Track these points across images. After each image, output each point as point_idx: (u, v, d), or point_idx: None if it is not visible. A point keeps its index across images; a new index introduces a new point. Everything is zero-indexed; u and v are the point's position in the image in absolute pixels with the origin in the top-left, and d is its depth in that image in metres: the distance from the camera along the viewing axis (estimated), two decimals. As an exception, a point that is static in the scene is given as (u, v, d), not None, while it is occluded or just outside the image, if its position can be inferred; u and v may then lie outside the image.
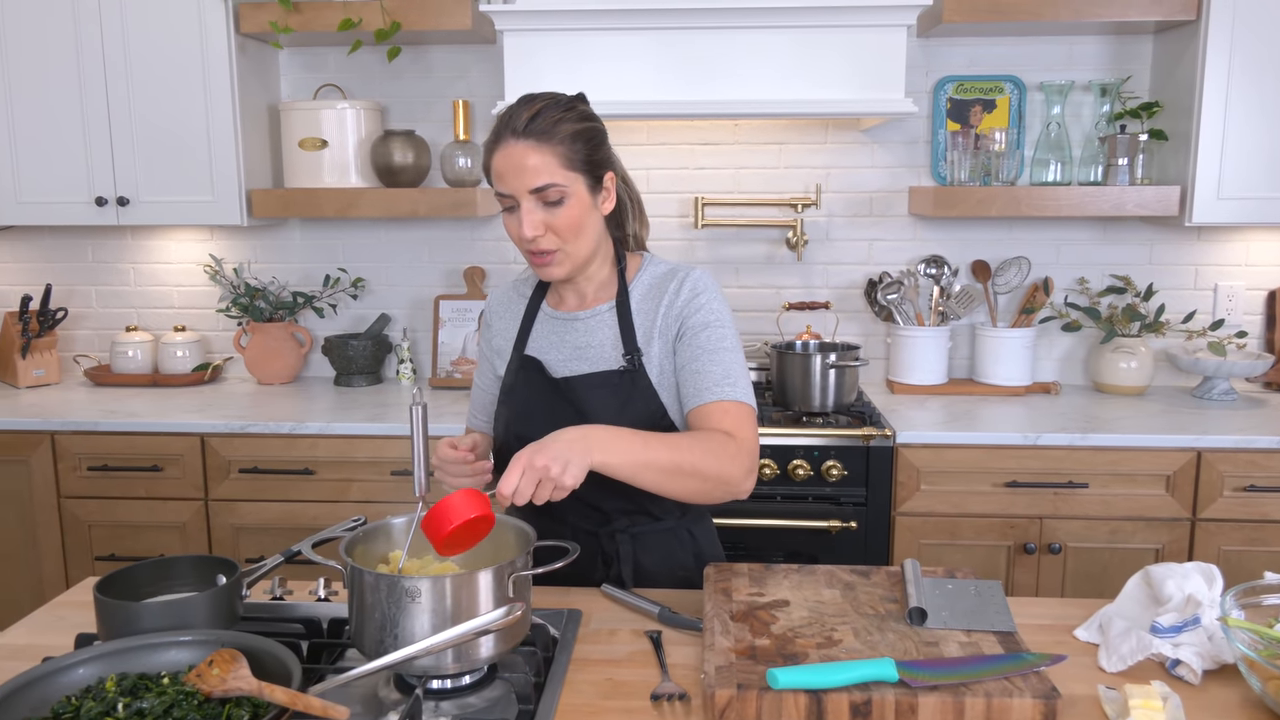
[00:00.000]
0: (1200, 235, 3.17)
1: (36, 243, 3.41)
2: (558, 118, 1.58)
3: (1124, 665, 1.37)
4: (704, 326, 1.66)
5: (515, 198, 1.59)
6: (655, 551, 1.74)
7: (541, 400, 1.71)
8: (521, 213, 1.59)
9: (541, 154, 1.56)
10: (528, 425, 1.68)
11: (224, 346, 3.42)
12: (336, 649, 1.44)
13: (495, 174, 1.60)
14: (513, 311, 1.82)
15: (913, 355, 3.12)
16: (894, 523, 2.67)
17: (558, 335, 1.75)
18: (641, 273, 1.75)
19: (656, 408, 1.68)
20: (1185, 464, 2.61)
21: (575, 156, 1.59)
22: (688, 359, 1.66)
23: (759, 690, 1.21)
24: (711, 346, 1.65)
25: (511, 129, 1.58)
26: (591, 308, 1.74)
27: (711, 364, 1.64)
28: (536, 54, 2.76)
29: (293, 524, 2.78)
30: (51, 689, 1.19)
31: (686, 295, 1.69)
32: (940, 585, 1.52)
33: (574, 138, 1.58)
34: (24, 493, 2.84)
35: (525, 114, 1.57)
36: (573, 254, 1.64)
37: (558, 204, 1.59)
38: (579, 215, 1.61)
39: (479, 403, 1.89)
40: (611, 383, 1.68)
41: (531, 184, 1.57)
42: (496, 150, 1.59)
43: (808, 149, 3.21)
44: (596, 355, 1.71)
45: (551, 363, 1.73)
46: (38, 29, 2.93)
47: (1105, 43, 3.10)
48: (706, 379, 1.63)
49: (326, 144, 3.05)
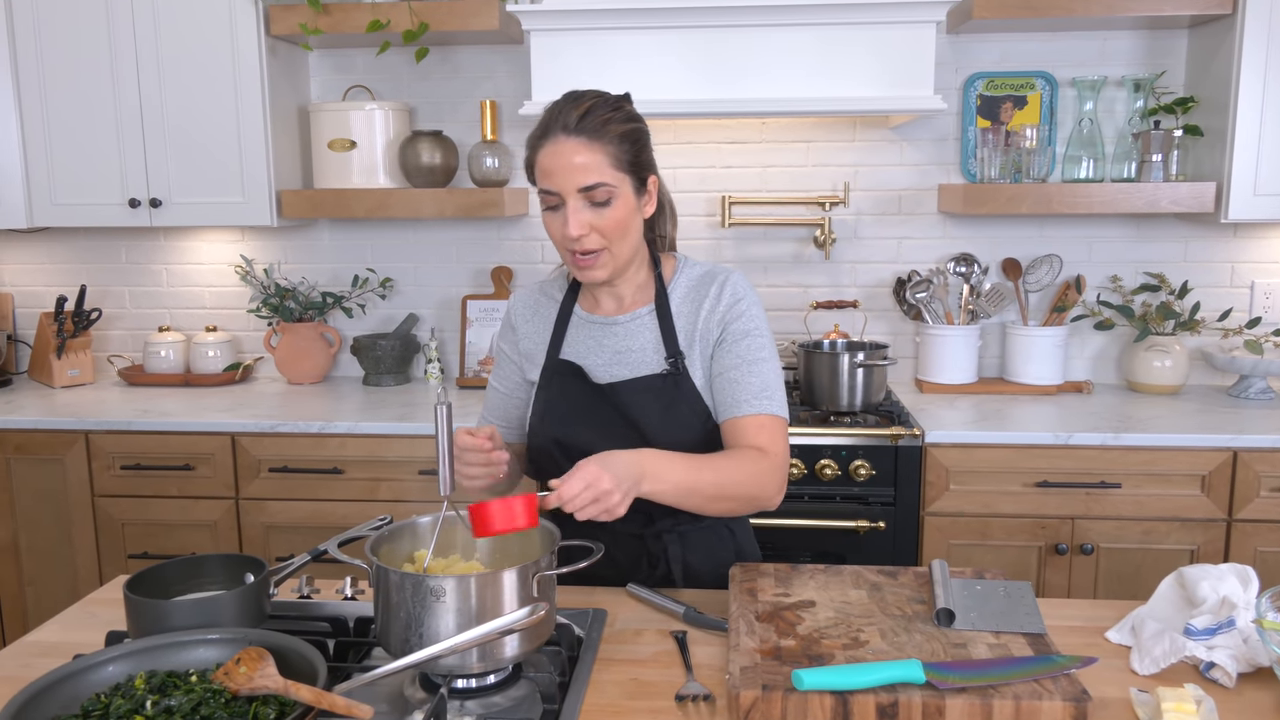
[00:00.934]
0: (1236, 232, 3.13)
1: (71, 244, 3.46)
2: (607, 117, 1.57)
3: (1157, 668, 1.35)
4: (744, 335, 1.66)
5: (561, 196, 1.57)
6: (700, 550, 1.74)
7: (584, 406, 1.69)
8: (568, 211, 1.57)
9: (592, 152, 1.55)
10: (571, 432, 1.68)
11: (254, 346, 3.45)
12: (363, 648, 1.45)
13: (542, 171, 1.58)
14: (542, 315, 1.79)
15: (942, 354, 3.10)
16: (923, 523, 2.65)
17: (595, 340, 1.72)
18: (678, 275, 1.73)
19: (701, 409, 1.67)
20: (1221, 464, 2.57)
21: (623, 157, 1.57)
22: (726, 367, 1.66)
23: (784, 691, 1.20)
24: (750, 357, 1.65)
25: (562, 125, 1.56)
26: (630, 311, 1.72)
27: (750, 375, 1.64)
28: (563, 54, 2.76)
29: (322, 523, 2.80)
30: (82, 686, 1.20)
31: (728, 300, 1.68)
32: (969, 586, 1.51)
33: (622, 138, 1.57)
34: (59, 491, 2.88)
35: (575, 111, 1.56)
36: (616, 255, 1.62)
37: (605, 204, 1.57)
38: (625, 216, 1.59)
39: (497, 407, 1.85)
40: (655, 387, 1.66)
41: (581, 182, 1.55)
42: (544, 146, 1.58)
43: (836, 147, 3.19)
44: (637, 360, 1.69)
45: (591, 368, 1.71)
46: (71, 34, 2.97)
47: (1139, 37, 3.06)
48: (744, 390, 1.63)
49: (355, 145, 3.07)
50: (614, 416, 1.66)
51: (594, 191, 1.55)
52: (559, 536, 1.40)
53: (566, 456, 1.68)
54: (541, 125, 1.60)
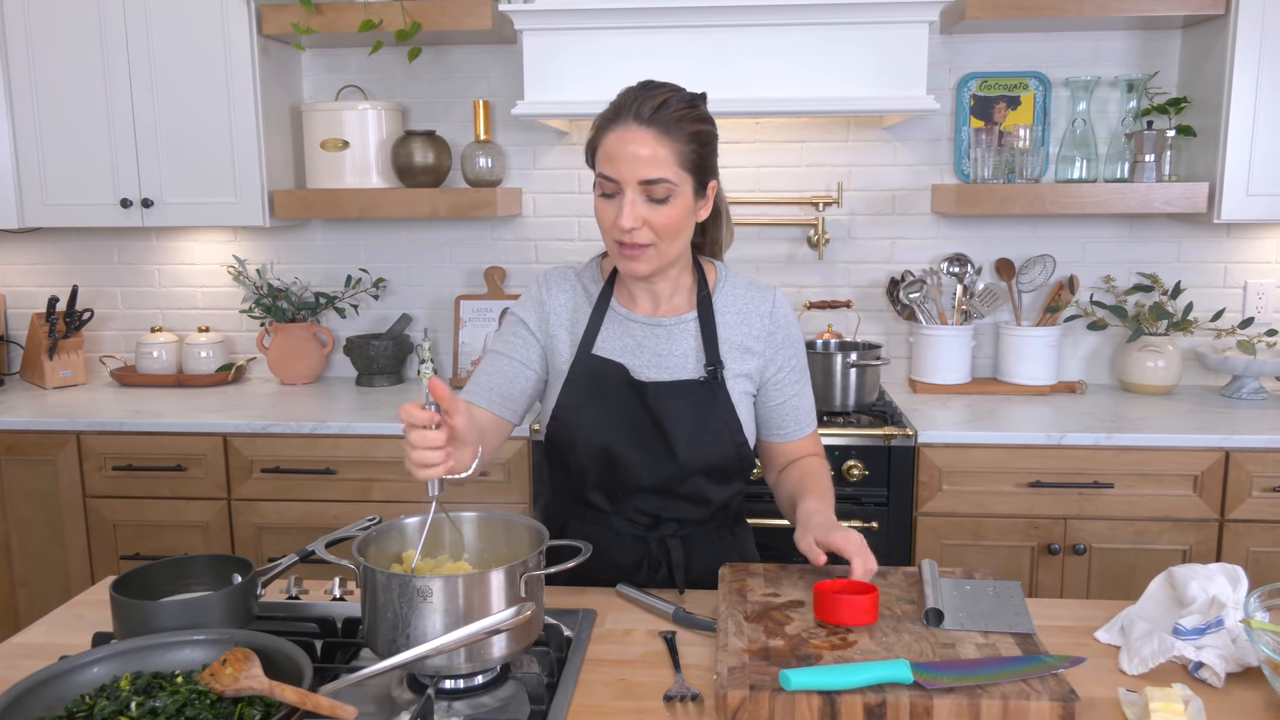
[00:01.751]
0: (1229, 232, 3.13)
1: (63, 245, 3.45)
2: (682, 113, 1.54)
3: (1145, 668, 1.35)
4: (796, 357, 1.75)
5: (621, 184, 1.53)
6: (702, 553, 1.73)
7: (621, 403, 1.66)
8: (624, 201, 1.53)
9: (661, 146, 1.52)
10: (603, 432, 1.66)
11: (247, 347, 3.45)
12: (351, 648, 1.44)
13: (605, 155, 1.55)
14: (578, 303, 1.72)
15: (935, 354, 3.10)
16: (916, 523, 2.65)
17: (634, 339, 1.69)
18: (722, 284, 1.72)
19: (733, 422, 1.67)
20: (1213, 464, 2.57)
21: (690, 156, 1.55)
22: (787, 392, 1.74)
23: (771, 691, 1.20)
24: (804, 380, 1.77)
25: (635, 114, 1.52)
26: (673, 315, 1.69)
27: (805, 397, 1.77)
28: (556, 53, 2.75)
29: (314, 524, 2.80)
30: (66, 687, 1.20)
31: (784, 322, 1.73)
32: (958, 586, 1.51)
33: (692, 137, 1.55)
34: (51, 492, 2.87)
35: (651, 102, 1.53)
36: (664, 253, 1.59)
37: (663, 201, 1.54)
38: (680, 217, 1.57)
39: (499, 386, 1.69)
40: (692, 392, 1.65)
41: (644, 175, 1.52)
42: (612, 131, 1.54)
43: (829, 147, 3.19)
44: (678, 364, 1.68)
45: (630, 366, 1.68)
46: (63, 33, 2.96)
47: (1132, 38, 3.06)
48: (805, 414, 1.77)
49: (348, 145, 3.06)
50: (646, 419, 1.65)
51: (655, 186, 1.52)
52: (547, 536, 1.40)
53: (594, 466, 1.68)
54: (613, 108, 1.56)
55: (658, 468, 1.66)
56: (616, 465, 1.67)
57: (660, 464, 1.66)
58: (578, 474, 1.71)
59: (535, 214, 3.30)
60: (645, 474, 1.66)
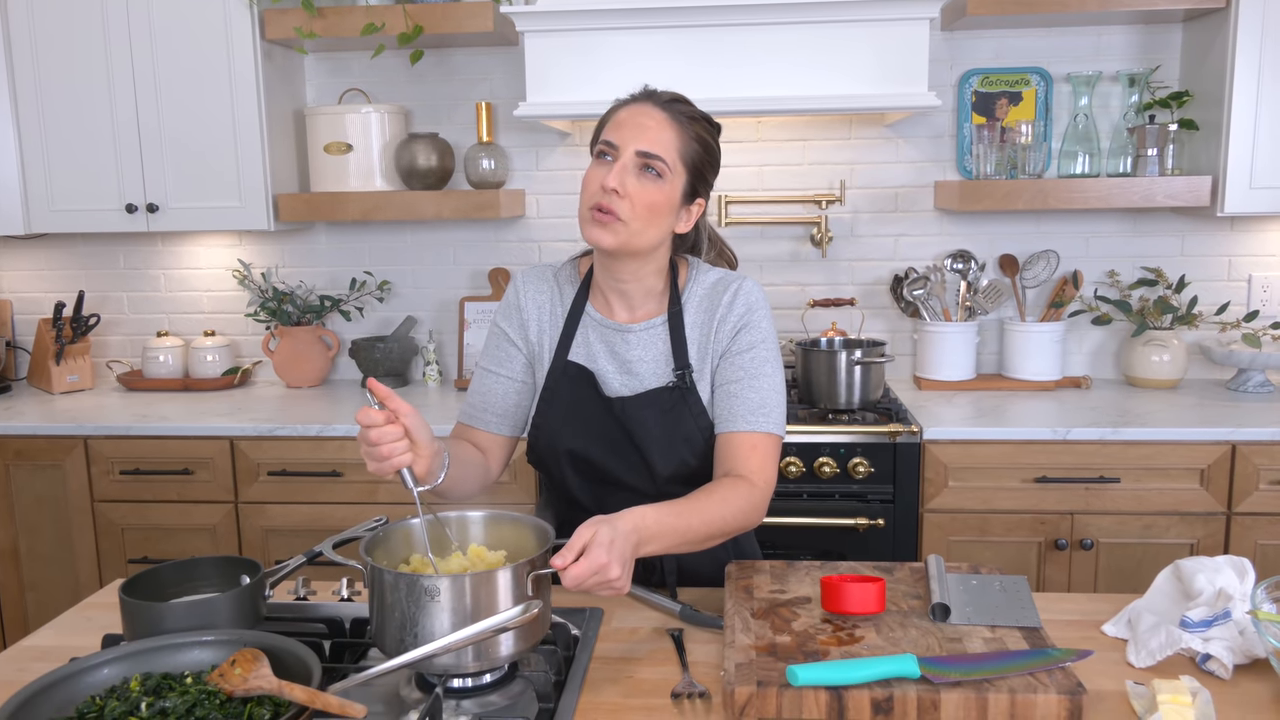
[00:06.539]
0: (1233, 225, 3.12)
1: (69, 250, 3.46)
2: (695, 115, 1.62)
3: (1153, 660, 1.35)
4: (750, 347, 1.64)
5: (619, 149, 1.56)
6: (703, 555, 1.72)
7: (593, 416, 1.67)
8: (616, 164, 1.56)
9: (668, 130, 1.58)
10: (580, 441, 1.67)
11: (253, 350, 3.45)
12: (359, 648, 1.45)
13: (612, 122, 1.60)
14: (553, 306, 1.74)
15: (940, 351, 3.10)
16: (922, 520, 2.65)
17: (606, 345, 1.69)
18: (692, 282, 1.70)
19: (706, 425, 1.66)
20: (1220, 457, 2.57)
21: (691, 154, 1.60)
22: (728, 378, 1.64)
23: (779, 687, 1.20)
24: (753, 370, 1.63)
25: (652, 98, 1.61)
26: (643, 321, 1.69)
27: (750, 390, 1.62)
28: (558, 55, 2.76)
29: (321, 526, 2.80)
30: (77, 689, 1.20)
31: (740, 310, 1.65)
32: (965, 581, 1.51)
33: (697, 139, 1.61)
34: (59, 497, 2.88)
35: (669, 96, 1.62)
36: (633, 233, 1.58)
37: (652, 179, 1.57)
38: (661, 202, 1.58)
39: (492, 393, 1.73)
40: (661, 401, 1.65)
41: (645, 146, 1.56)
42: (626, 106, 1.61)
43: (831, 145, 3.19)
44: (648, 371, 1.67)
45: (600, 374, 1.68)
46: (67, 39, 2.97)
47: (1133, 32, 3.06)
48: (742, 405, 1.61)
49: (351, 148, 3.07)
50: (618, 432, 1.66)
51: (651, 160, 1.56)
52: (553, 535, 1.40)
53: (576, 471, 1.70)
54: (632, 95, 1.63)
55: (635, 476, 1.67)
56: (596, 471, 1.69)
57: (637, 473, 1.67)
58: (559, 478, 1.73)
59: (539, 215, 3.30)
60: (624, 481, 1.68)
